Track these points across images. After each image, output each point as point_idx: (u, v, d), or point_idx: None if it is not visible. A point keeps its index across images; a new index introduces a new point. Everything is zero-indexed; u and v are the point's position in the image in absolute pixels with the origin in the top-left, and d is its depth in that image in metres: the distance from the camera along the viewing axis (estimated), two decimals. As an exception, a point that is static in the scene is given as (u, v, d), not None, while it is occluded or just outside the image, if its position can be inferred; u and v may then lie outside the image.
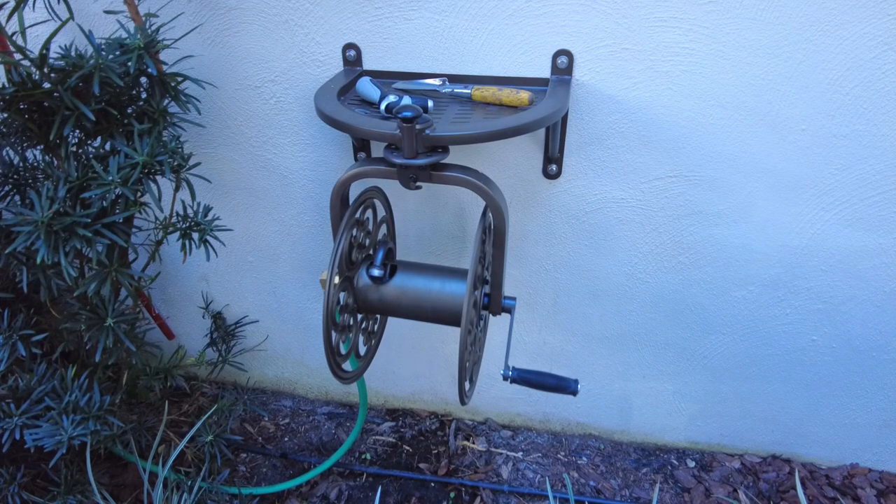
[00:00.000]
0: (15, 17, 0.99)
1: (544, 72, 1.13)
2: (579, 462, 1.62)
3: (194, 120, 1.27)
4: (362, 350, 1.20)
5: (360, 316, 1.15)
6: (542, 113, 0.98)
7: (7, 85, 0.96)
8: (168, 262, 1.65)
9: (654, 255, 1.33)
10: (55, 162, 1.06)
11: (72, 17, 1.06)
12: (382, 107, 1.05)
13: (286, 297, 1.64)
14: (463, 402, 1.07)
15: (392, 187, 1.27)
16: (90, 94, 0.99)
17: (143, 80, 1.09)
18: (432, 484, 1.57)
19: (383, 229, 1.19)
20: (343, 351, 1.06)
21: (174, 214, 1.19)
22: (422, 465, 1.62)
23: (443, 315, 1.07)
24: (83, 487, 1.25)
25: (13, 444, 1.10)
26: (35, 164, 1.11)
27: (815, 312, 1.34)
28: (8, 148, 1.09)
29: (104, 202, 0.99)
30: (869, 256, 1.24)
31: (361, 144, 1.30)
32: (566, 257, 1.38)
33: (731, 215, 1.24)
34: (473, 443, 1.68)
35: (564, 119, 1.18)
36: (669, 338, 1.46)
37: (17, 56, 0.98)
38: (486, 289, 1.13)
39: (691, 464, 1.60)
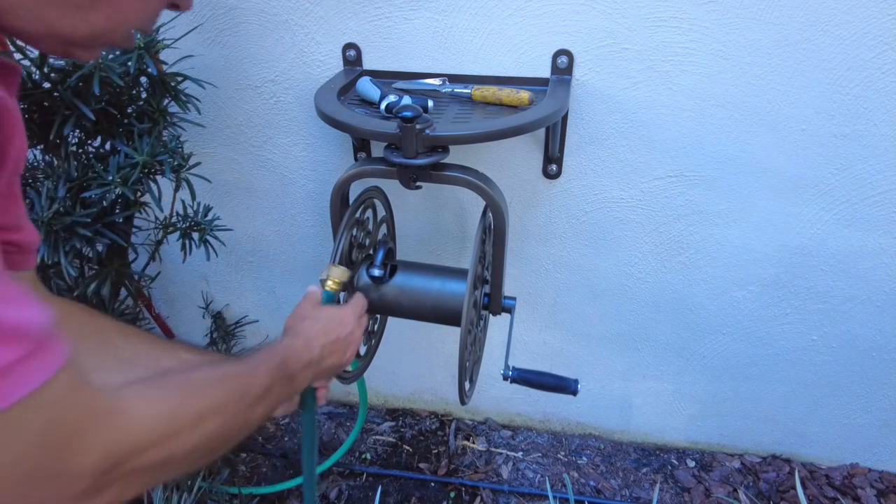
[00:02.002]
0: (15, 16, 0.99)
1: (544, 72, 1.13)
2: (579, 462, 1.62)
3: (194, 120, 1.27)
4: (362, 350, 1.20)
5: (360, 316, 1.14)
6: (542, 113, 0.98)
7: (7, 85, 0.96)
8: (168, 261, 1.65)
9: (654, 254, 1.33)
10: (55, 162, 1.06)
11: (72, 16, 1.06)
12: (382, 107, 1.05)
13: (286, 297, 1.64)
14: (463, 402, 1.07)
15: (392, 187, 1.27)
16: (90, 94, 0.99)
17: (143, 79, 1.09)
18: (432, 484, 1.57)
19: (383, 229, 1.19)
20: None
21: (174, 214, 1.19)
22: (422, 465, 1.62)
23: (443, 315, 1.07)
24: (83, 487, 1.25)
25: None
26: (35, 163, 1.11)
27: (815, 312, 1.34)
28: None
29: (104, 202, 0.99)
30: (869, 256, 1.24)
31: (361, 144, 1.30)
32: (566, 257, 1.38)
33: (731, 215, 1.24)
34: (473, 443, 1.68)
35: (564, 119, 1.18)
36: (669, 338, 1.46)
37: (18, 56, 0.98)
38: (486, 289, 1.13)
39: (691, 464, 1.60)
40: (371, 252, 1.11)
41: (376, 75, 1.18)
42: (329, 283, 0.88)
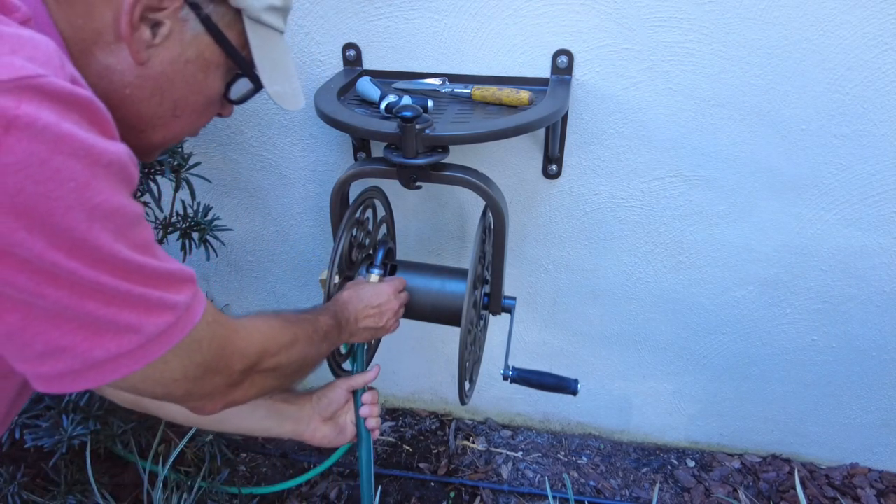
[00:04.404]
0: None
1: (544, 72, 1.13)
2: (579, 462, 1.62)
3: (194, 120, 1.27)
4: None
5: (359, 316, 1.14)
6: (542, 113, 0.98)
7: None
8: (168, 261, 1.65)
9: (654, 254, 1.33)
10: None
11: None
12: (382, 107, 1.05)
13: (286, 297, 1.64)
14: (463, 402, 1.07)
15: (392, 187, 1.27)
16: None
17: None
18: (432, 484, 1.57)
19: (383, 229, 1.19)
20: (343, 351, 1.06)
21: (174, 214, 1.19)
22: (422, 465, 1.62)
23: (443, 315, 1.07)
24: (83, 487, 1.25)
25: (13, 443, 1.10)
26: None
27: (815, 312, 1.34)
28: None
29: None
30: (869, 256, 1.24)
31: (361, 144, 1.30)
32: (566, 257, 1.38)
33: (731, 215, 1.24)
34: (473, 442, 1.68)
35: (564, 119, 1.17)
36: (669, 338, 1.46)
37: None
38: (486, 289, 1.13)
39: (691, 464, 1.60)
40: (371, 252, 1.11)
41: (376, 75, 1.18)
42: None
